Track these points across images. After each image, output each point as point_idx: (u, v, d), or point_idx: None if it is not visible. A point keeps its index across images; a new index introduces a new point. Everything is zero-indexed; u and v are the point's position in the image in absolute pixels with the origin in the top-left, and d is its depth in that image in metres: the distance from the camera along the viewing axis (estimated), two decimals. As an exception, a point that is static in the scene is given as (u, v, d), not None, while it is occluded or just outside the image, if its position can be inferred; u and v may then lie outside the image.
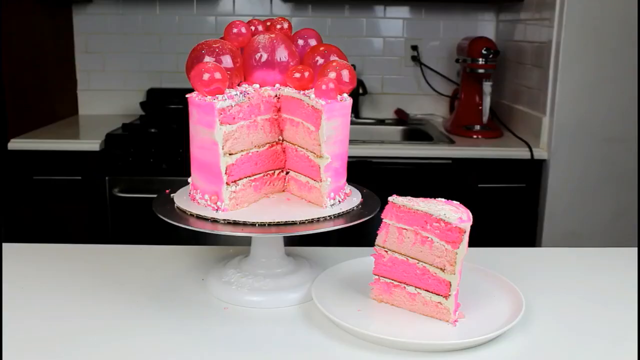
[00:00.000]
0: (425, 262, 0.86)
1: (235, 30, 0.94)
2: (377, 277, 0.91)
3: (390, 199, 0.87)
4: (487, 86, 2.38)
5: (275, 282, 0.93)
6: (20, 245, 1.16)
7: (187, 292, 0.96)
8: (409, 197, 0.86)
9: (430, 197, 0.87)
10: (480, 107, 2.45)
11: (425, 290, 0.87)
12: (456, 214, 0.82)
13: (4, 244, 1.11)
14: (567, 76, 2.11)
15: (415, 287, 0.87)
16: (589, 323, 0.88)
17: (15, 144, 2.18)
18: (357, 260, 1.01)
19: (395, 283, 0.89)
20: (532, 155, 2.18)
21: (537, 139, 2.23)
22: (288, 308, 0.91)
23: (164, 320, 0.87)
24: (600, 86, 2.12)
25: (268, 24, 0.99)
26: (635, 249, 1.15)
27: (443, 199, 0.86)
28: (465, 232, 0.82)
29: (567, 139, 2.15)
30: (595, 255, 1.17)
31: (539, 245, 2.22)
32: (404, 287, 0.88)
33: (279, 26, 0.99)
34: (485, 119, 2.43)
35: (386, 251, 0.89)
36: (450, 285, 0.84)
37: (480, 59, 2.41)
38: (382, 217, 0.88)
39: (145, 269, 1.04)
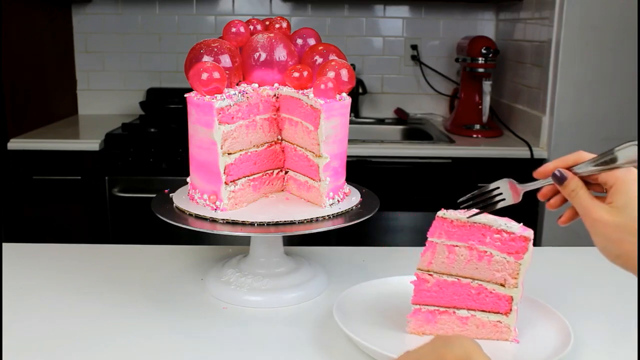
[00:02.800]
0: (481, 280, 0.80)
1: (234, 30, 0.94)
2: (417, 306, 0.81)
3: (439, 214, 0.79)
4: (486, 85, 2.38)
5: (274, 281, 0.93)
6: (20, 245, 1.16)
7: (186, 291, 0.96)
8: (457, 210, 0.79)
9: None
10: (480, 107, 2.45)
11: (482, 310, 0.80)
12: (515, 223, 0.78)
13: (4, 244, 1.11)
14: (567, 75, 2.11)
15: (469, 309, 0.80)
16: (589, 322, 0.88)
17: (15, 144, 2.18)
18: (378, 282, 0.92)
19: (442, 309, 0.81)
20: (532, 154, 2.18)
21: (537, 138, 2.22)
22: (287, 308, 0.91)
23: (163, 320, 0.87)
24: (600, 85, 2.12)
25: (267, 23, 0.99)
26: (635, 248, 1.15)
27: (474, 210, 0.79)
28: (530, 240, 0.77)
29: (567, 138, 2.15)
30: (595, 255, 1.17)
31: (539, 245, 2.22)
32: (454, 312, 0.81)
33: (277, 25, 0.99)
34: (485, 118, 2.43)
35: (431, 274, 0.81)
36: (512, 299, 0.79)
37: (480, 58, 2.41)
38: (428, 236, 0.81)
39: (145, 269, 1.04)
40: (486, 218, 0.78)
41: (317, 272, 0.97)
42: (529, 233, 0.77)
